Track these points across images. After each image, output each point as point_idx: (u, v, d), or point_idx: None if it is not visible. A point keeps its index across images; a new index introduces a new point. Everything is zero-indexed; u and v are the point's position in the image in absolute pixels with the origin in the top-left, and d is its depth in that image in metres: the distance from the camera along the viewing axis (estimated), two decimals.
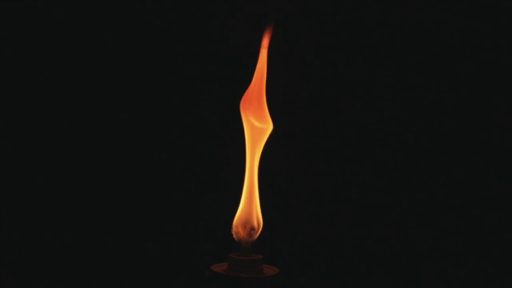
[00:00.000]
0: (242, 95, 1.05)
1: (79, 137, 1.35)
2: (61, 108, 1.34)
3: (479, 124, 1.36)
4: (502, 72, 1.35)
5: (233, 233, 0.99)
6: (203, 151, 1.38)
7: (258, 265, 0.96)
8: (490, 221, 1.36)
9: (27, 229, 1.33)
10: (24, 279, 1.31)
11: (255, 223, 1.00)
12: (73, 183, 1.35)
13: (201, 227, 1.37)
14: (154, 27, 1.35)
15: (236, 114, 1.04)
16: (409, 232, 1.37)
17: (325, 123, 1.38)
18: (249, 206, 1.00)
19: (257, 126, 1.02)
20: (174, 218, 1.37)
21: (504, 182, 1.36)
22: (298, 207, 1.38)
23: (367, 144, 1.38)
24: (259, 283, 0.95)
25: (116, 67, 1.35)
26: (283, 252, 1.34)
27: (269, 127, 1.03)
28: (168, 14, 1.35)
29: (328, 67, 1.37)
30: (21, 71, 1.33)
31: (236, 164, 1.04)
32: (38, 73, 1.33)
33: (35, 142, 1.34)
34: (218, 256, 0.99)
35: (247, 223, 0.99)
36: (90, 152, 1.36)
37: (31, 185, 1.34)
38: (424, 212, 1.37)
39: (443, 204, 1.37)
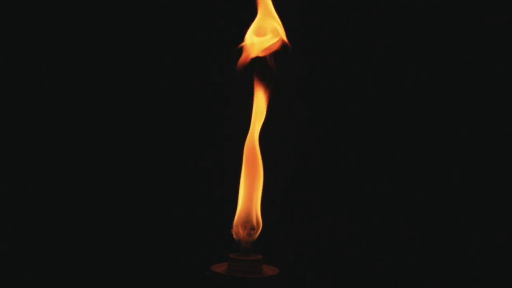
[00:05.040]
0: (241, 96, 1.05)
1: (79, 137, 1.35)
2: (61, 108, 1.34)
3: (479, 124, 1.36)
4: (502, 72, 1.35)
5: (233, 233, 0.99)
6: (203, 151, 1.38)
7: (258, 265, 0.96)
8: (490, 221, 1.36)
9: (27, 229, 1.33)
10: (24, 279, 1.31)
11: (255, 222, 1.00)
12: (73, 183, 1.35)
13: (201, 227, 1.37)
14: (154, 27, 1.35)
15: (237, 112, 1.04)
16: (409, 232, 1.37)
17: (325, 123, 1.38)
18: (249, 200, 1.00)
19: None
20: (174, 218, 1.37)
21: (504, 182, 1.36)
22: (298, 207, 1.38)
23: (367, 144, 1.38)
24: (259, 283, 0.95)
25: (115, 67, 1.35)
26: (283, 252, 1.34)
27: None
28: (168, 14, 1.35)
29: (328, 67, 1.37)
30: (21, 71, 1.33)
31: (236, 164, 1.04)
32: (38, 73, 1.33)
33: (35, 142, 1.34)
34: (218, 256, 0.99)
35: (247, 223, 0.99)
36: (90, 152, 1.36)
37: (31, 185, 1.34)
38: (424, 212, 1.37)
39: (443, 204, 1.37)
